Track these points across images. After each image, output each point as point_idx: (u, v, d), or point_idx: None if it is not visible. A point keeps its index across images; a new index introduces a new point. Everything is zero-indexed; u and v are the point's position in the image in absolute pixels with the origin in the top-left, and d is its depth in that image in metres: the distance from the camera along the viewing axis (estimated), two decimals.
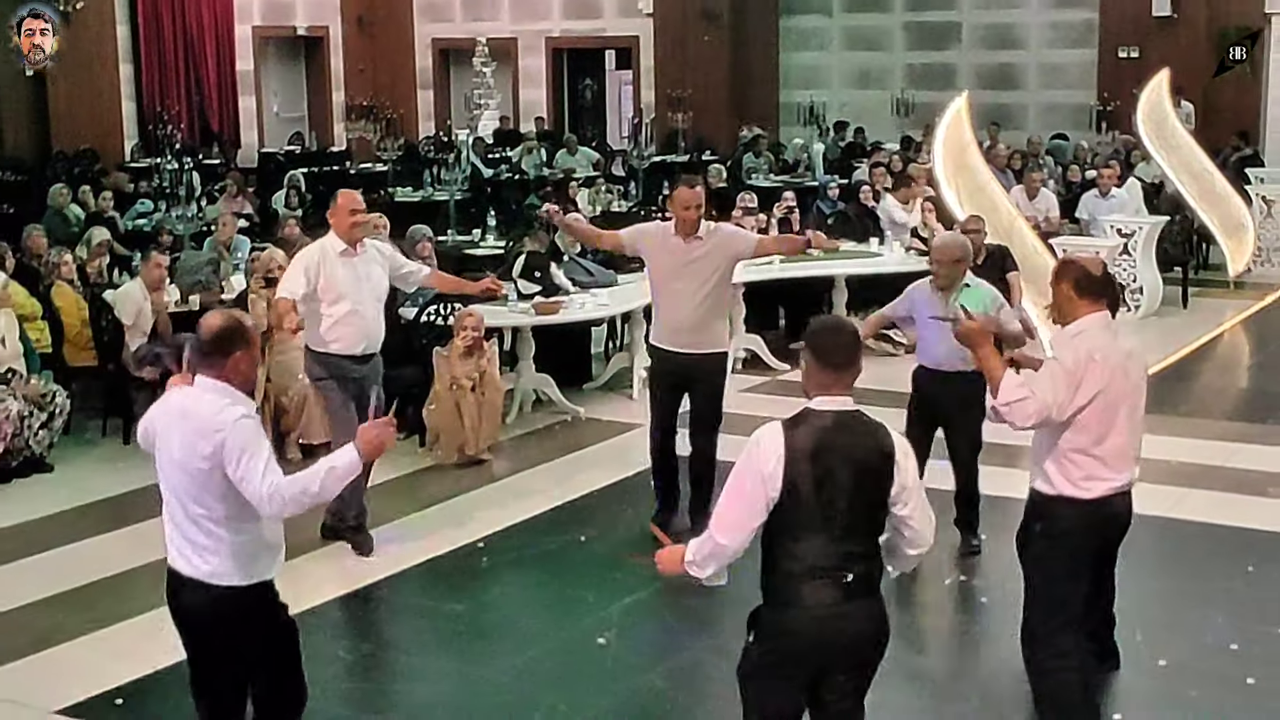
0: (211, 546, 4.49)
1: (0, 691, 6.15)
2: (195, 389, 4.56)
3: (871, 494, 4.28)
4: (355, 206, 7.43)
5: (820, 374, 4.29)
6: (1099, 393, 5.07)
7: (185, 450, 4.46)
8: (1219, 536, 7.75)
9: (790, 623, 4.31)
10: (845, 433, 4.25)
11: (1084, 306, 5.19)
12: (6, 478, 8.92)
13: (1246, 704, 5.89)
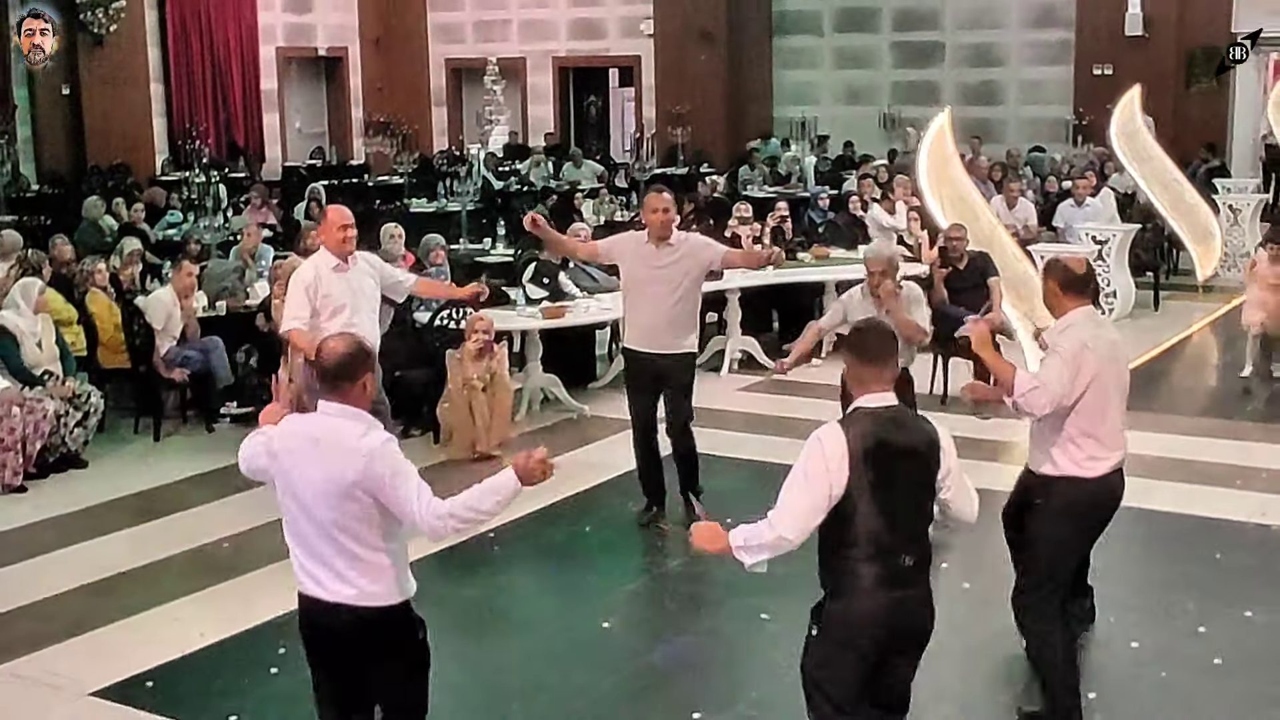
0: (359, 569, 4.24)
1: (38, 674, 6.16)
2: (322, 415, 4.30)
3: (923, 481, 4.37)
4: (345, 222, 7.37)
5: (863, 371, 4.37)
6: (1094, 378, 5.21)
7: (329, 477, 4.18)
8: (1188, 526, 7.76)
9: (854, 611, 4.33)
10: (896, 426, 4.32)
11: (1070, 301, 5.34)
12: (44, 473, 8.94)
13: (1214, 684, 5.89)
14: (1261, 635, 6.36)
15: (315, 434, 4.27)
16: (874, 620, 4.32)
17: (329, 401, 4.29)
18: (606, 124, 24.24)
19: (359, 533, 4.21)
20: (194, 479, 8.95)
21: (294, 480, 4.27)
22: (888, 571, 4.29)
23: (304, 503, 4.25)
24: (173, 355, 9.90)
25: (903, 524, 4.30)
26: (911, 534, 4.35)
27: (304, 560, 4.31)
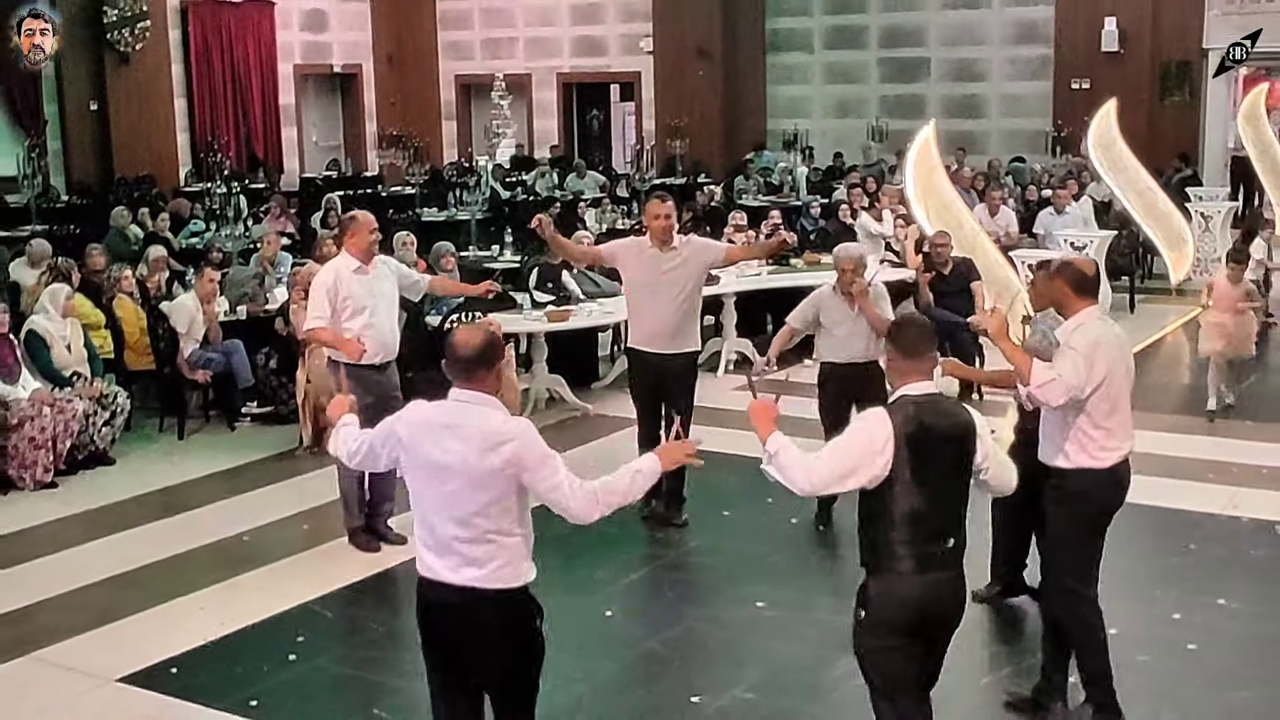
0: (492, 551, 4.12)
1: (68, 662, 6.16)
2: (455, 403, 4.20)
3: (961, 464, 4.38)
4: (375, 226, 7.32)
5: (905, 363, 4.39)
6: (1108, 373, 5.22)
7: (471, 461, 4.08)
8: (1163, 518, 7.75)
9: (898, 592, 4.32)
10: (936, 413, 4.33)
11: (1080, 301, 5.31)
12: (73, 470, 8.94)
13: (1188, 668, 5.90)
14: (1233, 622, 6.36)
15: (448, 420, 4.17)
16: (913, 599, 4.32)
17: (462, 389, 4.18)
18: (608, 136, 24.24)
19: (494, 515, 4.12)
20: (216, 475, 8.96)
21: (427, 463, 4.16)
22: (927, 553, 4.31)
23: (437, 485, 4.15)
24: (196, 357, 9.91)
25: (941, 507, 4.32)
26: (949, 517, 4.37)
27: (432, 544, 4.19)
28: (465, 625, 4.15)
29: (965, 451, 4.38)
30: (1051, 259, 6.05)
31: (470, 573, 4.10)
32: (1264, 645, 6.12)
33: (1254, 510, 7.83)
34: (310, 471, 8.79)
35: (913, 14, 20.55)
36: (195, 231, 14.59)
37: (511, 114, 20.65)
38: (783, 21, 21.51)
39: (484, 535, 4.10)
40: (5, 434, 8.60)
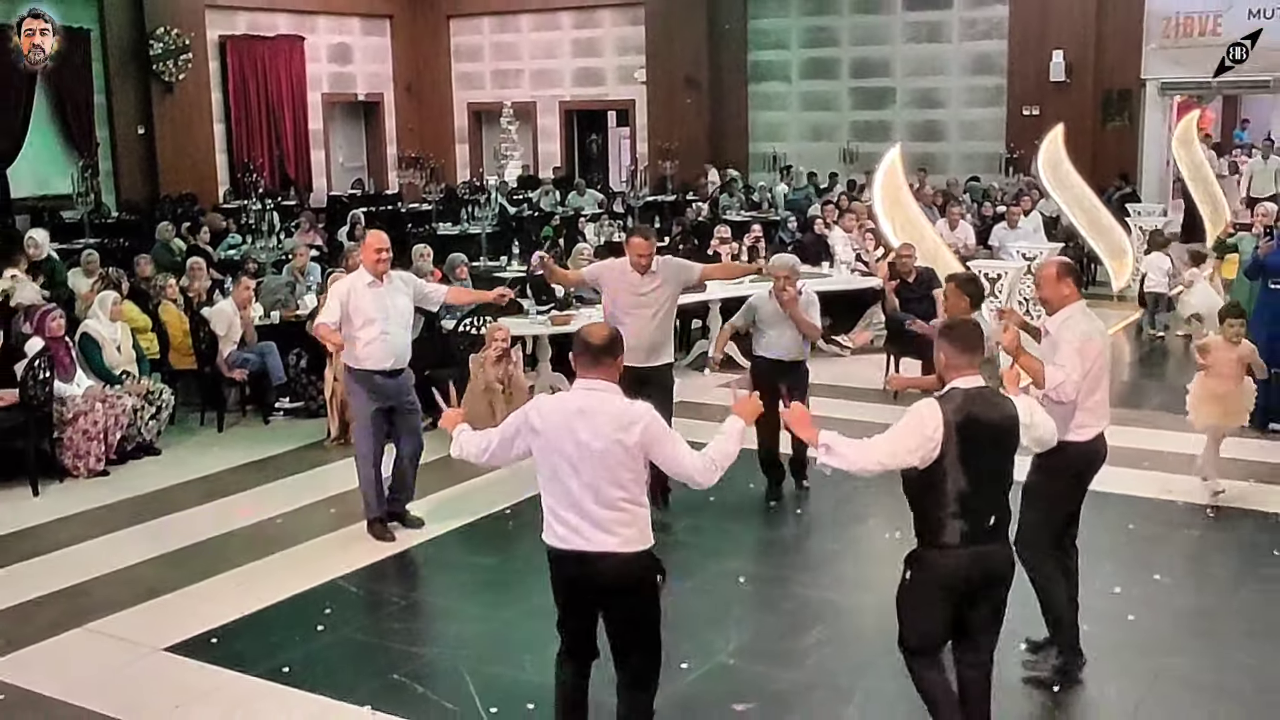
0: (626, 519, 4.25)
1: (117, 633, 6.16)
2: (583, 390, 4.32)
3: (1005, 449, 4.46)
4: (380, 245, 7.17)
5: (958, 359, 4.44)
6: (1094, 361, 5.28)
7: (606, 439, 4.20)
8: (1106, 502, 7.72)
9: (943, 559, 4.39)
10: (983, 403, 4.40)
11: (1073, 296, 5.41)
12: (123, 459, 8.94)
13: (1128, 636, 5.92)
14: (1167, 595, 6.39)
15: (579, 406, 4.28)
16: (958, 570, 4.39)
17: (589, 377, 4.31)
18: (606, 158, 24.24)
19: (627, 486, 4.24)
20: (252, 464, 8.97)
21: (563, 446, 4.25)
22: (973, 528, 4.36)
23: (574, 464, 4.24)
24: (234, 358, 9.91)
25: (987, 487, 4.38)
26: (994, 496, 4.43)
27: (567, 516, 4.29)
28: (601, 589, 4.32)
29: (1009, 438, 4.47)
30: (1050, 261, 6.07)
31: (605, 539, 4.24)
32: (1194, 615, 6.14)
33: (1186, 495, 7.86)
34: (336, 461, 8.80)
35: (880, 47, 20.56)
36: (233, 244, 14.58)
37: (518, 138, 20.61)
38: (763, 54, 21.51)
39: (620, 506, 4.24)
40: (61, 427, 8.61)
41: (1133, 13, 18.36)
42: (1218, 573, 6.74)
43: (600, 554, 4.24)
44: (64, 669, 5.76)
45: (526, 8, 22.97)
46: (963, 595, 4.43)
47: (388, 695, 5.42)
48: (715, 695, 5.37)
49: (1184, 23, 18.25)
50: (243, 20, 20.76)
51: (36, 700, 5.48)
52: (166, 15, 19.01)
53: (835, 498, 7.91)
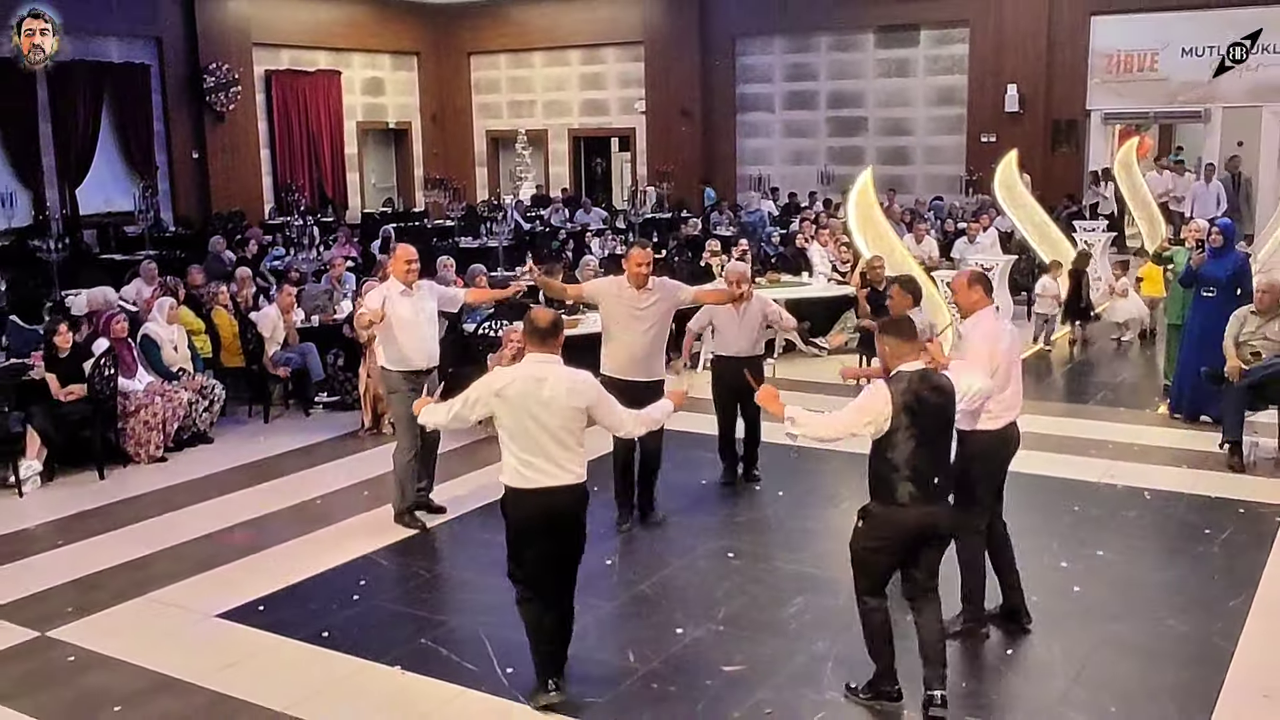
0: (575, 460, 4.83)
1: (175, 601, 6.18)
2: (537, 363, 4.84)
3: (945, 420, 4.74)
4: (410, 258, 7.09)
5: (901, 348, 4.68)
6: (1005, 356, 5.35)
7: (564, 400, 4.76)
8: (1053, 486, 7.78)
9: (895, 515, 4.66)
10: (926, 383, 4.65)
11: (987, 300, 5.50)
12: (179, 447, 8.96)
13: (1073, 606, 5.92)
14: (1108, 569, 6.39)
15: (538, 375, 4.80)
16: (908, 525, 4.67)
17: (540, 352, 4.86)
18: (609, 180, 24.23)
19: (576, 434, 4.84)
20: (295, 451, 8.97)
21: (530, 406, 4.76)
22: (920, 489, 4.63)
23: (541, 421, 4.76)
24: (278, 357, 9.92)
25: (931, 454, 4.65)
26: (938, 461, 4.70)
27: (538, 462, 4.79)
28: (567, 512, 4.89)
29: (948, 410, 4.73)
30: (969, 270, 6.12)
31: (566, 475, 4.82)
32: (1132, 587, 6.15)
33: (1126, 479, 7.87)
34: (369, 449, 8.82)
35: (854, 81, 20.56)
36: (277, 256, 14.58)
37: (531, 161, 20.65)
38: (750, 87, 21.51)
39: (573, 448, 4.84)
40: (125, 418, 8.62)
41: (1079, 51, 18.37)
42: (1154, 549, 6.75)
43: (560, 486, 4.79)
44: (127, 633, 5.77)
45: (539, 46, 22.97)
46: (909, 546, 4.72)
47: (416, 657, 5.43)
48: (707, 658, 5.38)
49: (1124, 60, 18.26)
50: (286, 56, 20.76)
51: (104, 661, 5.49)
52: (218, 52, 19.02)
53: (812, 483, 7.93)
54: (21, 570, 6.64)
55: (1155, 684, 5.07)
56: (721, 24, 21.05)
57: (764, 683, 5.12)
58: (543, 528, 4.84)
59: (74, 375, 8.43)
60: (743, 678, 5.18)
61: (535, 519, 4.83)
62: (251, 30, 19.65)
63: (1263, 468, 8.03)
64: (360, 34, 21.91)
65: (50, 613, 6.01)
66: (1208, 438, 8.60)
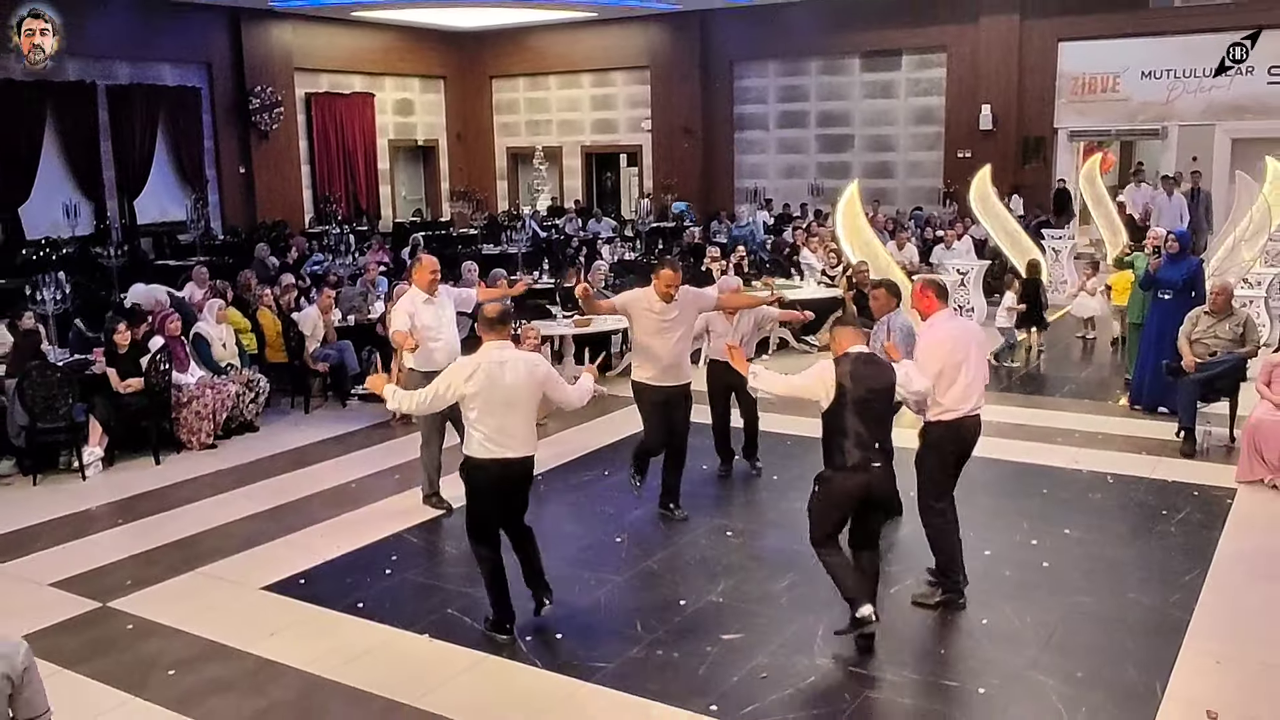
0: (531, 434, 5.12)
1: (223, 575, 6.19)
2: (497, 349, 5.04)
3: (886, 398, 5.02)
4: (434, 269, 7.04)
5: (849, 337, 5.04)
6: (942, 365, 5.34)
7: (524, 381, 5.01)
8: (1024, 470, 7.77)
9: (845, 478, 4.94)
10: (868, 364, 4.98)
11: (938, 305, 5.53)
12: (228, 435, 8.99)
13: (1042, 579, 5.91)
14: (1075, 546, 6.38)
15: (499, 359, 5.02)
16: (856, 488, 4.94)
17: (494, 339, 5.06)
18: (619, 192, 24.19)
19: (534, 411, 5.12)
20: (332, 439, 8.99)
21: (497, 389, 4.97)
22: (864, 456, 4.88)
23: (507, 399, 4.99)
24: (317, 353, 9.93)
25: (874, 426, 4.92)
26: (879, 432, 4.95)
27: (499, 436, 5.00)
28: (521, 480, 5.16)
29: (888, 390, 5.02)
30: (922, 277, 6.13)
31: (524, 448, 5.08)
32: (1097, 562, 6.13)
33: (1091, 465, 7.85)
34: (400, 437, 8.82)
35: (842, 102, 20.50)
36: (316, 261, 14.59)
37: (547, 175, 20.61)
38: (746, 108, 21.46)
39: (529, 423, 5.09)
40: (178, 409, 8.64)
41: (1047, 74, 18.30)
42: (1117, 528, 6.72)
43: (521, 458, 5.08)
44: (180, 604, 5.79)
45: (554, 70, 22.94)
46: (857, 504, 4.99)
47: (443, 626, 5.43)
48: (708, 626, 5.38)
49: (1089, 82, 18.19)
50: (325, 80, 20.75)
51: (158, 629, 5.50)
52: (263, 76, 19.02)
53: (802, 468, 7.91)
54: (85, 547, 6.66)
55: (1118, 650, 5.05)
56: (720, 49, 21.01)
57: (760, 650, 5.12)
58: (498, 491, 5.11)
59: (132, 370, 8.45)
60: (740, 645, 5.17)
61: (499, 484, 5.08)
62: (293, 56, 19.65)
63: (1215, 454, 8.00)
64: (392, 59, 21.89)
65: (111, 585, 6.03)
66: (1165, 427, 8.58)
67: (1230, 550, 6.25)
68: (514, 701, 4.72)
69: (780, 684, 4.79)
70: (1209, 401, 8.36)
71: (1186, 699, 4.62)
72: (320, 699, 4.78)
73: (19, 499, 7.60)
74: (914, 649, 5.16)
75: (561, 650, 5.15)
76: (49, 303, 8.84)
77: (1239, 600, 5.60)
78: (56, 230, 15.41)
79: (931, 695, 4.71)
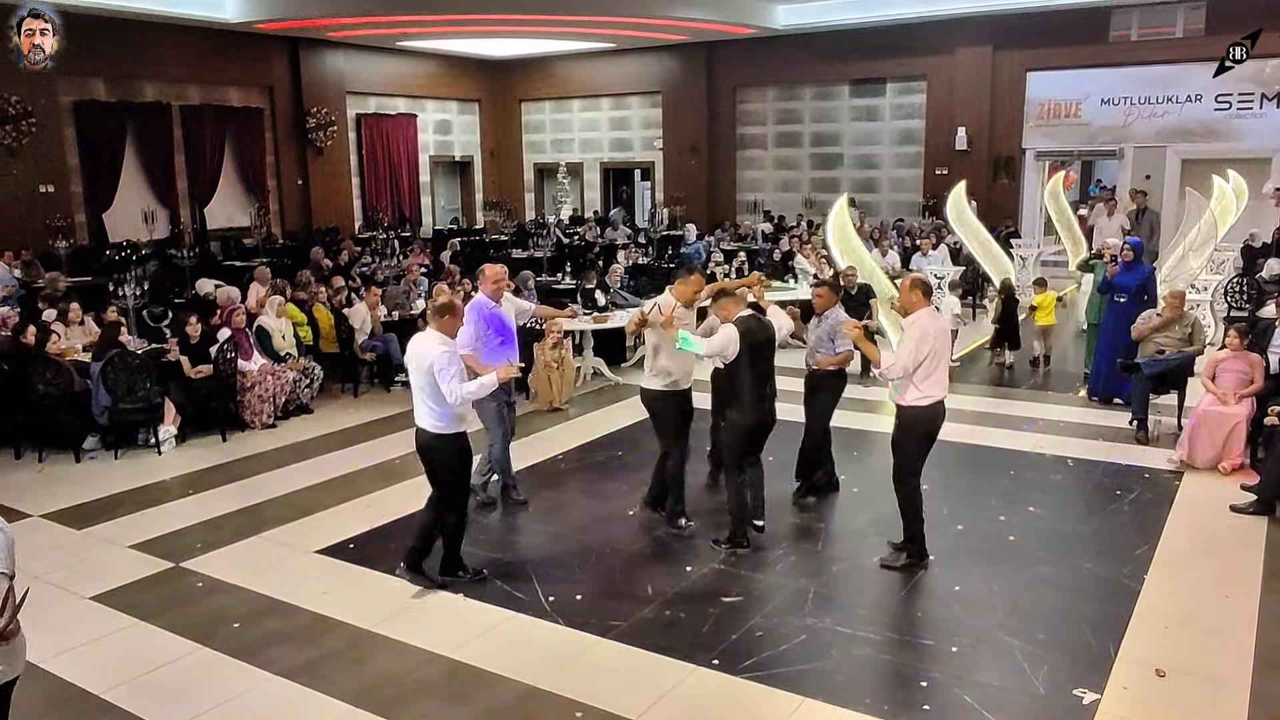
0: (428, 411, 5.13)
1: (282, 540, 6.21)
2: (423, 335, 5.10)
3: (770, 349, 5.69)
4: (498, 277, 6.54)
5: (737, 303, 5.72)
6: (930, 351, 5.34)
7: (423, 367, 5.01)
8: (993, 454, 7.74)
9: (745, 415, 5.66)
10: (755, 322, 5.63)
11: (922, 303, 5.48)
12: (286, 416, 9.00)
13: (1009, 552, 5.88)
14: (1038, 523, 6.35)
15: (415, 343, 5.12)
16: (754, 423, 5.66)
17: (431, 328, 5.06)
18: (633, 203, 24.14)
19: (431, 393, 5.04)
20: (378, 421, 8.99)
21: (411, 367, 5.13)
22: (759, 396, 5.61)
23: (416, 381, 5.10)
24: (365, 344, 9.94)
25: (764, 371, 5.63)
26: (767, 378, 5.67)
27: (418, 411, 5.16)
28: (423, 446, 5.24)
29: (773, 340, 5.73)
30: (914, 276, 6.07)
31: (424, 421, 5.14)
32: (1058, 537, 6.10)
33: (1053, 450, 7.81)
34: None
35: (832, 124, 20.40)
36: (365, 263, 14.60)
37: (570, 188, 20.56)
38: (747, 129, 21.39)
39: (422, 402, 5.09)
40: (242, 393, 8.66)
41: (1016, 100, 18.18)
42: (1076, 506, 6.69)
43: (419, 428, 5.18)
44: (244, 565, 5.81)
45: (577, 94, 22.89)
46: (752, 434, 5.68)
47: (475, 587, 5.44)
48: (710, 590, 5.37)
49: (1054, 107, 18.06)
50: (373, 103, 20.75)
51: (226, 587, 5.53)
52: (318, 99, 19.03)
53: (793, 451, 7.88)
54: (160, 514, 6.69)
55: (1076, 616, 5.03)
56: (724, 77, 20.92)
57: (756, 611, 5.11)
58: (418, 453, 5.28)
59: (202, 357, 8.47)
60: (740, 607, 5.17)
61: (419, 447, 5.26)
62: (345, 81, 19.65)
63: (1164, 441, 7.95)
64: (433, 84, 21.88)
65: (183, 548, 6.06)
66: (1119, 416, 8.53)
67: (1177, 527, 6.21)
68: (538, 653, 4.72)
69: (774, 641, 4.79)
70: (1159, 394, 8.31)
71: (1137, 659, 4.60)
72: (367, 649, 4.80)
73: (102, 471, 7.64)
74: (893, 612, 5.15)
75: (581, 609, 5.15)
76: (129, 298, 8.86)
77: (1185, 572, 5.57)
78: (136, 234, 15.48)
79: (909, 652, 4.70)
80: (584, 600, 5.26)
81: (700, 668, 4.56)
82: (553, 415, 9.09)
